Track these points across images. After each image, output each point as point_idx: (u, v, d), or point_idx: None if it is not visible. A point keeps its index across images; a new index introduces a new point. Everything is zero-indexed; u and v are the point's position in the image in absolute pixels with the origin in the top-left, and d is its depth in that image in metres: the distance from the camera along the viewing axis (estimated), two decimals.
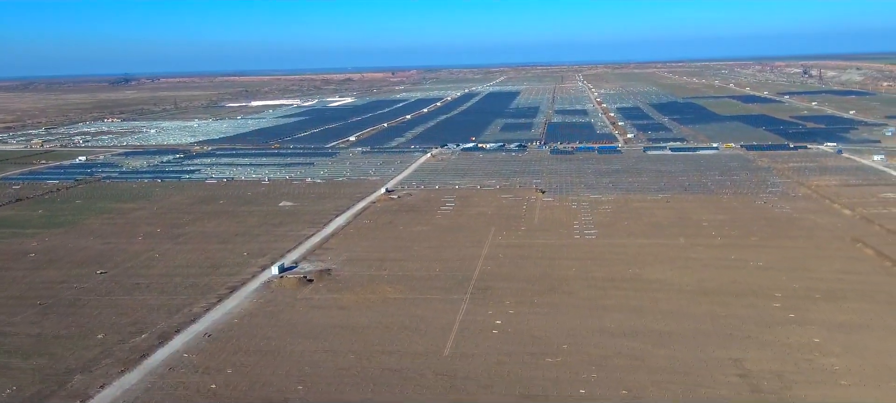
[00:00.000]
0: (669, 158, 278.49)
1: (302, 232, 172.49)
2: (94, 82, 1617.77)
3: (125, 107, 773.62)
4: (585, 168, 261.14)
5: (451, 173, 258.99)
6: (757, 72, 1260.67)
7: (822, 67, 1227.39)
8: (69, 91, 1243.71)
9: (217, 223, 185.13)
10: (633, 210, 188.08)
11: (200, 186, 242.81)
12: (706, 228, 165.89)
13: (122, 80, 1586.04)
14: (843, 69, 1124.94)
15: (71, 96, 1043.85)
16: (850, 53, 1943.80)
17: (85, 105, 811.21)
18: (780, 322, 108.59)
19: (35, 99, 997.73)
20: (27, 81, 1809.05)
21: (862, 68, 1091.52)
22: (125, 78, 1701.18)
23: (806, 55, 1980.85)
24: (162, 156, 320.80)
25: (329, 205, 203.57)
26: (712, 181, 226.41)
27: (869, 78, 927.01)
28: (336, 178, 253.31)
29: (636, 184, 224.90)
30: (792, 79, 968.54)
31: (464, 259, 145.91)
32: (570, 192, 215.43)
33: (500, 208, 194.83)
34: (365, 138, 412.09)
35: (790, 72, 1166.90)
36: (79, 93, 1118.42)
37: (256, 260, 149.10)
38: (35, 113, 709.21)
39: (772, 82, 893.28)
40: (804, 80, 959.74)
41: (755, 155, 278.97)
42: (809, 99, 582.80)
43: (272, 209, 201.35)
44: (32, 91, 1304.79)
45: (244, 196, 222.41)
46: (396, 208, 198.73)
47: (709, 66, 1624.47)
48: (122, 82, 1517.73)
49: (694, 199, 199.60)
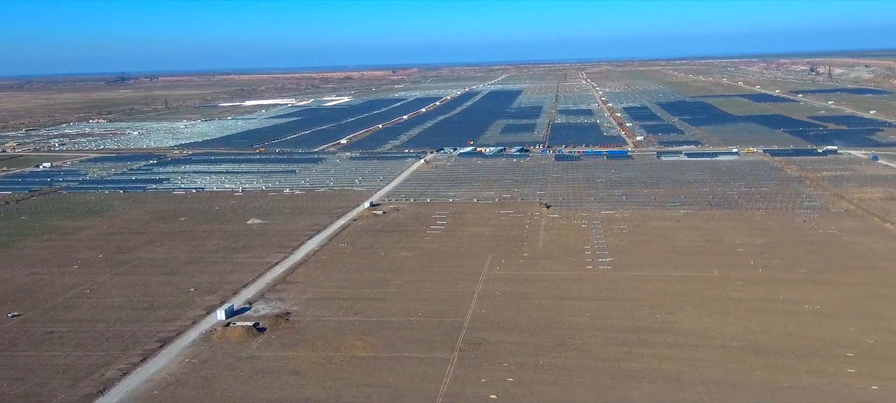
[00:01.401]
0: (686, 165, 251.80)
1: (266, 259, 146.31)
2: (91, 81, 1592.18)
3: (115, 107, 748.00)
4: (594, 176, 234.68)
5: (445, 182, 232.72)
6: (763, 69, 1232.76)
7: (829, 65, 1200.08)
8: (64, 90, 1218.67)
9: (170, 247, 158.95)
10: (653, 230, 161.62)
11: (165, 199, 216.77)
12: (742, 255, 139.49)
13: (119, 79, 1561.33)
14: (851, 67, 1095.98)
15: (64, 95, 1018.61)
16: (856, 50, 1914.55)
17: (75, 105, 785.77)
18: (864, 398, 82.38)
19: (27, 98, 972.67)
20: (26, 80, 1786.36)
21: (870, 65, 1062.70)
22: (122, 77, 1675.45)
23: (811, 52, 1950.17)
24: (134, 163, 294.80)
25: (303, 224, 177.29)
26: (738, 193, 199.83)
27: (879, 75, 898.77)
28: (317, 189, 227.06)
29: (653, 197, 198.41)
30: (800, 77, 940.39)
31: (453, 297, 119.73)
32: (578, 206, 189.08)
33: (498, 227, 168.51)
34: (357, 141, 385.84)
35: (797, 70, 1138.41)
36: (73, 93, 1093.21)
37: (203, 299, 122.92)
38: (21, 113, 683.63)
39: (781, 80, 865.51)
40: (813, 78, 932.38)
41: (781, 161, 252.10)
42: (824, 97, 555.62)
43: (238, 228, 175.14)
44: (28, 90, 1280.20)
45: (210, 211, 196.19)
46: (380, 227, 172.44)
47: (713, 63, 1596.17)
48: (119, 81, 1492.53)
49: (721, 216, 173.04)
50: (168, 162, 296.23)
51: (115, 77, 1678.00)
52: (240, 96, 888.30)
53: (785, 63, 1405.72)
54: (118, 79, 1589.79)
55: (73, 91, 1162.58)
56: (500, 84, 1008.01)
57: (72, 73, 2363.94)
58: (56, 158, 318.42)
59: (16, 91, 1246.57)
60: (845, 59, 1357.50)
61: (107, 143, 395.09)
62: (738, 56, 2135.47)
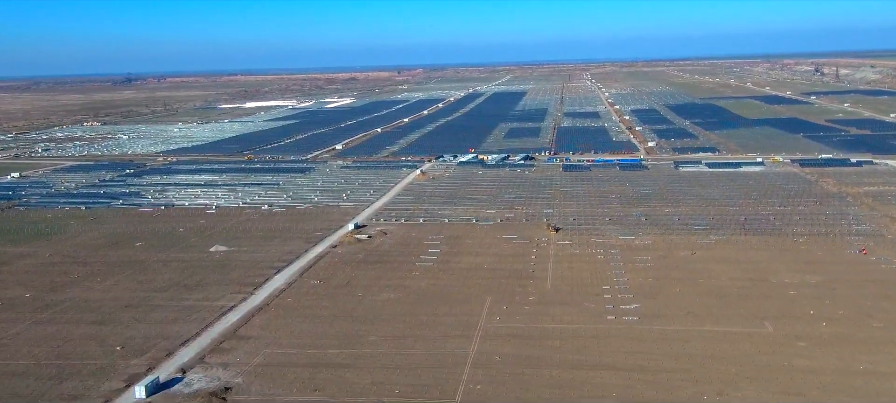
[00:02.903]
0: (708, 177, 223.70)
1: (219, 302, 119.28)
2: (98, 82, 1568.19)
3: (115, 108, 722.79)
4: (607, 191, 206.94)
5: (441, 198, 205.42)
6: (767, 70, 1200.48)
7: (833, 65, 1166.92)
8: (69, 91, 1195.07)
9: (113, 283, 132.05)
10: (682, 263, 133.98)
11: (128, 218, 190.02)
12: (796, 301, 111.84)
13: (126, 80, 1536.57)
14: (856, 67, 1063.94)
15: (68, 97, 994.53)
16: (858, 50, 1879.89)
17: (74, 107, 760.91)
18: None
19: (29, 99, 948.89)
20: (34, 81, 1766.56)
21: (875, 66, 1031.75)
22: (128, 78, 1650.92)
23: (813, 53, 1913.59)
24: (109, 172, 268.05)
25: (274, 252, 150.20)
26: (773, 213, 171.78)
27: (886, 76, 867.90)
28: (300, 206, 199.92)
29: (676, 218, 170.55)
30: (806, 78, 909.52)
31: (441, 363, 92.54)
32: (591, 229, 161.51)
33: (500, 258, 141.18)
34: (353, 146, 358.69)
35: (802, 71, 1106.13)
36: (77, 94, 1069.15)
37: (128, 364, 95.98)
38: (18, 115, 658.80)
39: (789, 81, 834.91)
40: (819, 79, 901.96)
41: (813, 173, 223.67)
42: (838, 99, 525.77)
43: (198, 257, 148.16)
44: (34, 91, 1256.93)
45: (173, 234, 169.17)
46: (362, 256, 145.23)
47: (718, 63, 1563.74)
48: (125, 82, 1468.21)
49: (760, 245, 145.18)
50: (146, 171, 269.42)
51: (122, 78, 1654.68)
52: (242, 98, 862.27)
53: (789, 63, 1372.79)
54: (125, 80, 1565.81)
55: (78, 92, 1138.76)
56: (505, 85, 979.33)
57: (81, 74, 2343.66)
58: (30, 166, 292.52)
59: (22, 92, 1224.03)
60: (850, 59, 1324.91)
61: (92, 149, 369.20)
62: (742, 56, 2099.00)
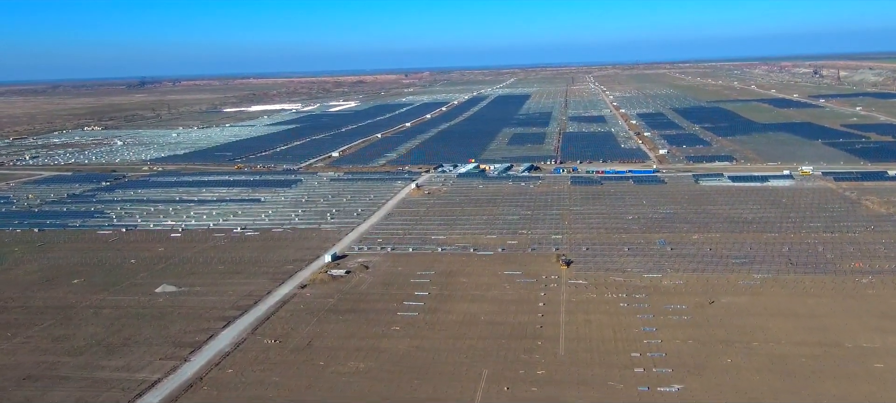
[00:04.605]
0: (733, 194, 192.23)
1: (140, 375, 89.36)
2: (113, 85, 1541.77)
3: (121, 112, 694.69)
4: (622, 211, 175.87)
5: (436, 218, 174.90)
6: (766, 72, 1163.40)
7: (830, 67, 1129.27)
8: (84, 94, 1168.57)
9: (23, 339, 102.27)
10: (727, 315, 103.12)
11: (81, 243, 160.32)
12: (887, 378, 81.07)
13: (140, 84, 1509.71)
14: (854, 69, 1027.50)
15: (79, 101, 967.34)
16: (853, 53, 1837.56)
17: (81, 111, 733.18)
18: None
19: (39, 103, 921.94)
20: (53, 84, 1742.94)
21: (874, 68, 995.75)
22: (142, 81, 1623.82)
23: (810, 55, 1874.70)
24: (83, 185, 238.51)
25: (231, 293, 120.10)
26: (821, 241, 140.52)
27: (887, 78, 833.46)
28: (276, 228, 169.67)
29: (707, 248, 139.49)
30: (807, 80, 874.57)
31: None
32: (608, 263, 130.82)
33: (500, 305, 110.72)
34: (350, 153, 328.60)
35: (800, 73, 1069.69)
36: (90, 98, 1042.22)
37: None
38: (23, 120, 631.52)
39: (791, 83, 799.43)
40: (819, 81, 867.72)
41: (850, 188, 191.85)
42: (848, 103, 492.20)
43: (138, 301, 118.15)
44: (50, 95, 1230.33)
45: (122, 267, 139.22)
46: (334, 302, 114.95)
47: (717, 66, 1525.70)
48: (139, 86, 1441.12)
49: (816, 287, 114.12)
50: (122, 184, 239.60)
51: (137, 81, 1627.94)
52: (248, 101, 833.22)
53: (787, 66, 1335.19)
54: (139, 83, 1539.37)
55: (91, 96, 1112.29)
56: (509, 88, 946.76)
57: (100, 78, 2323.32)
58: (6, 178, 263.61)
59: (38, 95, 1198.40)
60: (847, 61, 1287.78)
61: (81, 157, 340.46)
62: (740, 59, 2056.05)
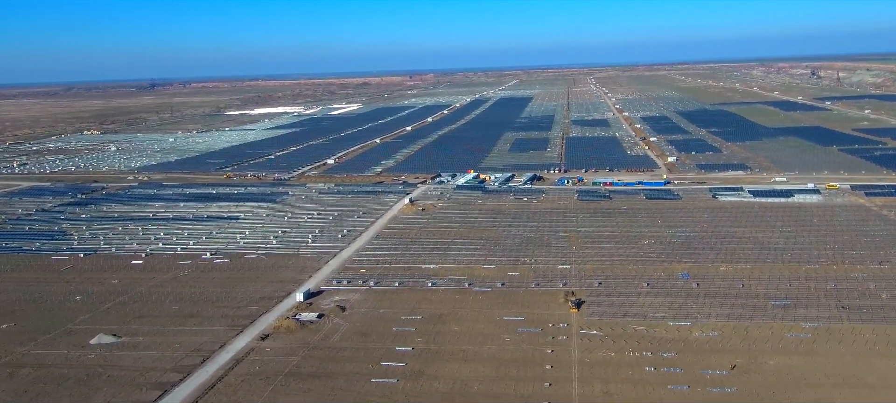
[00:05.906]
0: (757, 212, 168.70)
1: None
2: (124, 88, 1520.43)
3: (125, 115, 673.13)
4: (636, 233, 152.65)
5: (429, 241, 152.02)
6: (765, 73, 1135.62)
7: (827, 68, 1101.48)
8: (93, 97, 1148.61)
9: None
10: (781, 386, 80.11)
11: (30, 272, 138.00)
12: None
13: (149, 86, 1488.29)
14: (852, 70, 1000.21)
15: (86, 103, 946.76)
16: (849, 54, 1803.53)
17: (86, 114, 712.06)
18: None
19: (46, 106, 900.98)
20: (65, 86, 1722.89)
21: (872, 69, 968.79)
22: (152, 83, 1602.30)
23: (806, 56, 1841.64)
24: (57, 198, 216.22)
25: (176, 348, 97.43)
26: (871, 277, 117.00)
27: (886, 79, 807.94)
28: (249, 253, 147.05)
29: (739, 282, 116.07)
30: (807, 81, 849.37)
31: None
32: (626, 304, 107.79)
33: (498, 366, 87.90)
34: (346, 160, 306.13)
35: (798, 74, 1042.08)
36: (98, 100, 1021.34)
37: None
38: (26, 123, 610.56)
39: (792, 85, 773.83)
40: (817, 82, 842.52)
41: (888, 206, 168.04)
42: (856, 105, 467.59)
43: (64, 358, 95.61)
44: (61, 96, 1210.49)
45: (63, 306, 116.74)
46: (296, 363, 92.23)
47: (716, 67, 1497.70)
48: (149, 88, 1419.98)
49: (880, 341, 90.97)
50: (97, 198, 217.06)
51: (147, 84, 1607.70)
52: (252, 104, 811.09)
53: (784, 67, 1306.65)
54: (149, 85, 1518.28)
55: (100, 98, 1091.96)
56: (511, 90, 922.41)
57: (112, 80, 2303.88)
58: None
59: (48, 97, 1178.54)
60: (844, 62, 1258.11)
61: (70, 164, 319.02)
62: (737, 60, 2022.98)
